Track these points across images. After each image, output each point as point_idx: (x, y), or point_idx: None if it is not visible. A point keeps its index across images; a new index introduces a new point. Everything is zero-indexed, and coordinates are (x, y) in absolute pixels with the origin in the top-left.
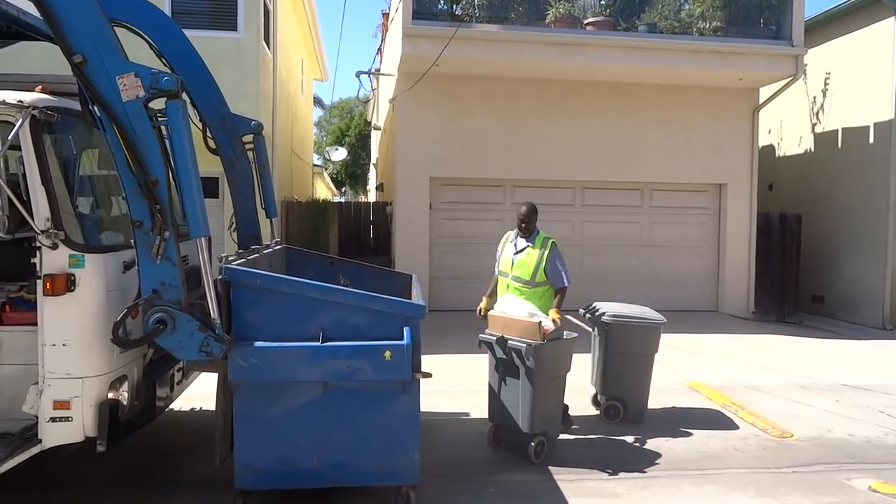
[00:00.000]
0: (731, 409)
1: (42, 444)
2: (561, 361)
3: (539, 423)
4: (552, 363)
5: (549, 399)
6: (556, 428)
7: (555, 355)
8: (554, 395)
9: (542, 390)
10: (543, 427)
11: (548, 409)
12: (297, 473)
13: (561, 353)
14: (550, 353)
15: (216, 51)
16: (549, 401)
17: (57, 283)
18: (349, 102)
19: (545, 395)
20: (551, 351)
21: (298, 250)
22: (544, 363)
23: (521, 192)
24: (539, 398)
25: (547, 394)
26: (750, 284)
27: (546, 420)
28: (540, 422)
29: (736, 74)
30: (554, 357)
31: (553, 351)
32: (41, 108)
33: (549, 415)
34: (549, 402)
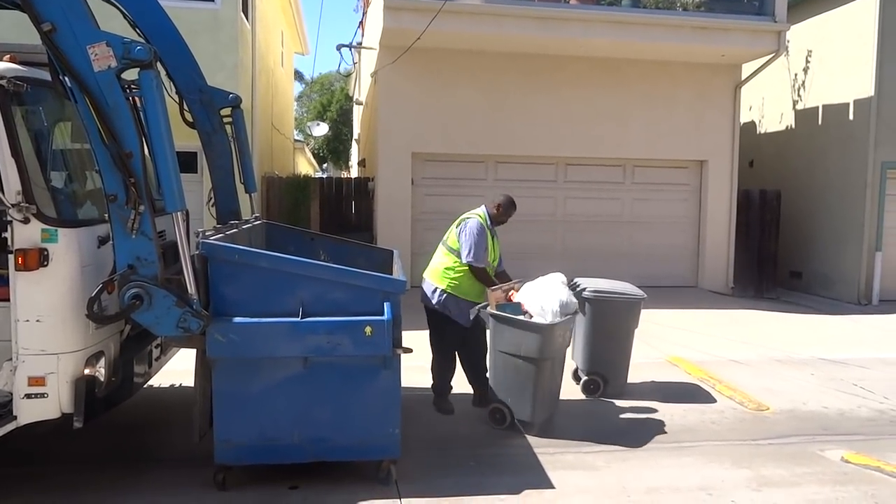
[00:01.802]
0: (709, 382)
1: (17, 420)
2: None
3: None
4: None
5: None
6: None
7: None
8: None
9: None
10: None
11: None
12: (278, 449)
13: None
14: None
15: (193, 21)
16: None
17: (29, 258)
18: (330, 77)
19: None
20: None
21: (279, 226)
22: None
23: (504, 167)
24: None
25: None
26: (729, 260)
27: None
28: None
29: (719, 50)
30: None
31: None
32: (9, 78)
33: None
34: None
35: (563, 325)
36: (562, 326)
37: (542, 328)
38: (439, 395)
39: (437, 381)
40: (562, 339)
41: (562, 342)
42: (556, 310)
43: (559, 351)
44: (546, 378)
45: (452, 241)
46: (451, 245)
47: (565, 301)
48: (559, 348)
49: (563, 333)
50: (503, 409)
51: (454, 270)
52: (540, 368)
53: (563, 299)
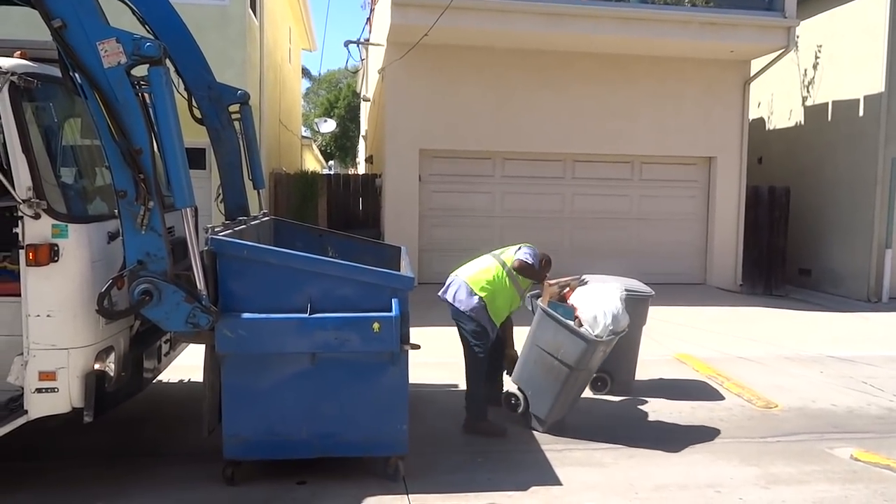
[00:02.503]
0: (717, 380)
1: (28, 414)
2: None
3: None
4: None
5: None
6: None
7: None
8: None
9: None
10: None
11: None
12: (286, 444)
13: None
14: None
15: (201, 18)
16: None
17: (40, 254)
18: (337, 74)
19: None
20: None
21: (286, 222)
22: None
23: (511, 164)
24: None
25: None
26: (738, 257)
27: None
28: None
29: (728, 46)
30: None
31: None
32: (20, 74)
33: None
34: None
35: (610, 342)
36: (607, 343)
37: (588, 340)
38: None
39: (479, 401)
40: (602, 353)
41: (601, 357)
42: (608, 325)
43: (595, 364)
44: (574, 386)
45: (508, 257)
46: (503, 258)
47: (619, 318)
48: (596, 362)
49: (606, 349)
50: (520, 398)
51: (495, 283)
52: (572, 376)
53: (617, 316)
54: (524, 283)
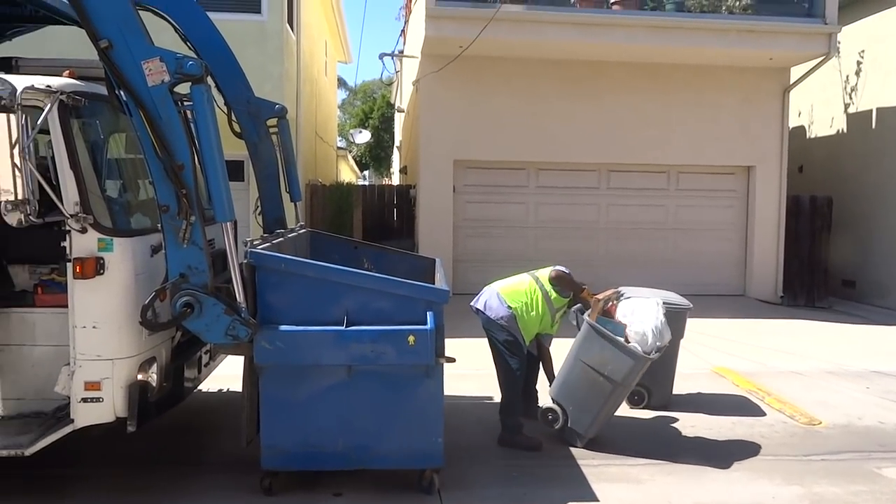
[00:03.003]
0: (757, 395)
1: (74, 423)
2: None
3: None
4: None
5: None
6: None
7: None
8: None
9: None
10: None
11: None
12: (323, 455)
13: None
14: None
15: (240, 34)
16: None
17: (86, 267)
18: (371, 85)
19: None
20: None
21: (323, 234)
22: None
23: (546, 174)
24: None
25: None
26: (778, 268)
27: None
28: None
29: (766, 54)
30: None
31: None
32: (69, 93)
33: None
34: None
35: (654, 359)
36: (652, 360)
37: (639, 358)
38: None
39: (514, 414)
40: (644, 370)
41: (644, 372)
42: (657, 343)
43: (638, 379)
44: (617, 401)
45: (543, 275)
46: (538, 275)
47: (664, 333)
48: (640, 377)
49: (649, 366)
50: (559, 413)
51: (528, 297)
52: (617, 392)
53: (663, 330)
54: (558, 301)
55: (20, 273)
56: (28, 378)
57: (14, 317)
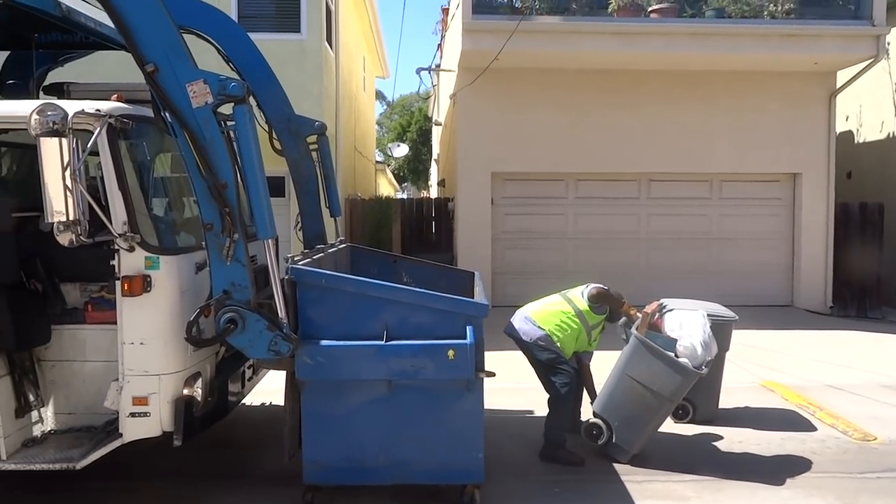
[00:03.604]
0: (808, 409)
1: (123, 437)
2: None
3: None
4: None
5: None
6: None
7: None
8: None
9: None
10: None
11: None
12: (364, 470)
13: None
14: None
15: (280, 53)
16: None
17: (134, 284)
18: (408, 99)
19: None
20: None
21: (362, 249)
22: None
23: (585, 185)
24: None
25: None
26: (827, 278)
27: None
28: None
29: (811, 58)
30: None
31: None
32: (117, 116)
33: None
34: None
35: (705, 373)
36: (704, 374)
37: (689, 373)
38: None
39: (559, 429)
40: (692, 381)
41: (692, 380)
42: (707, 357)
43: (682, 392)
44: (664, 417)
45: (575, 295)
46: (570, 296)
47: (712, 346)
48: (685, 389)
49: (695, 377)
50: (603, 428)
51: (560, 317)
52: (665, 408)
53: (710, 344)
54: (592, 318)
55: (71, 291)
56: (79, 393)
57: (66, 333)
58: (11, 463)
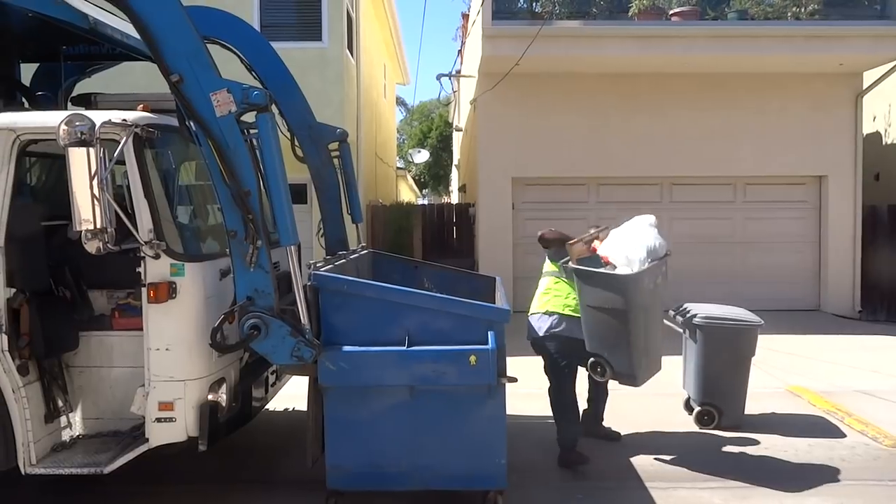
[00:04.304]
0: (836, 415)
1: (149, 442)
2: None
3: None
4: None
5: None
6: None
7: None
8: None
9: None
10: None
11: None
12: (386, 475)
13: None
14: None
15: (302, 61)
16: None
17: (159, 291)
18: (429, 105)
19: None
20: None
21: (384, 254)
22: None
23: (606, 189)
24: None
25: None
26: (855, 282)
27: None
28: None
29: (836, 59)
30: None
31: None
32: (143, 126)
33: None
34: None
35: (651, 271)
36: (650, 273)
37: (626, 280)
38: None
39: (569, 432)
40: (653, 285)
41: (653, 289)
42: (642, 258)
43: (651, 299)
44: (640, 328)
45: (544, 266)
46: (543, 271)
47: (653, 246)
48: (650, 296)
49: (654, 280)
50: (601, 362)
51: (555, 291)
52: (631, 320)
53: (650, 245)
54: (559, 268)
55: (98, 298)
56: (106, 399)
57: (93, 340)
58: (41, 467)
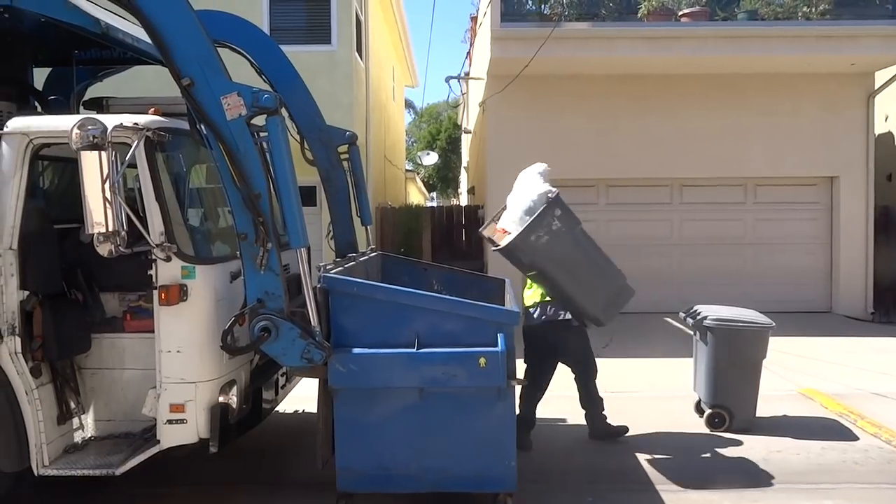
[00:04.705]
0: (849, 418)
1: (160, 444)
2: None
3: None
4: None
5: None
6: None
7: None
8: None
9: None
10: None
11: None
12: (396, 478)
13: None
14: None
15: (311, 64)
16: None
17: (171, 294)
18: (437, 107)
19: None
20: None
21: (393, 256)
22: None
23: (616, 191)
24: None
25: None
26: (868, 283)
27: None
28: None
29: (847, 59)
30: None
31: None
32: (154, 130)
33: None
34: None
35: (533, 226)
36: (531, 229)
37: (509, 249)
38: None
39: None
40: (545, 235)
41: (549, 238)
42: (521, 218)
43: (552, 247)
44: (563, 278)
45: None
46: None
47: (529, 202)
48: (548, 247)
49: (545, 230)
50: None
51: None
52: (550, 276)
53: (526, 203)
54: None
55: (110, 300)
56: (118, 401)
57: (105, 342)
58: (54, 468)
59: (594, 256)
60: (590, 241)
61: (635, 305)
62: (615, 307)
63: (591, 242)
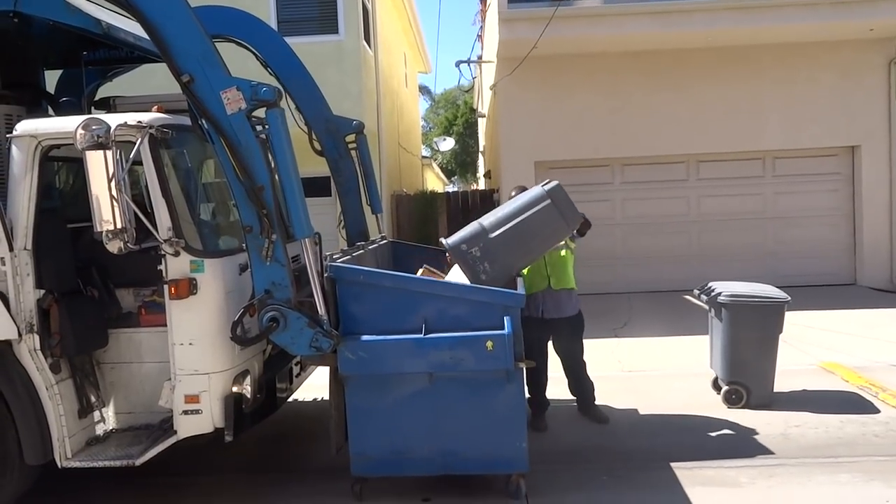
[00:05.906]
0: (870, 391)
1: (177, 434)
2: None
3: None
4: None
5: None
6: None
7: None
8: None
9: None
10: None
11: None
12: (409, 461)
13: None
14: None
15: (319, 54)
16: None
17: (180, 288)
18: (454, 92)
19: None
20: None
21: (404, 244)
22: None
23: (631, 170)
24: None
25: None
26: (892, 253)
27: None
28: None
29: (866, 25)
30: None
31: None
32: (157, 127)
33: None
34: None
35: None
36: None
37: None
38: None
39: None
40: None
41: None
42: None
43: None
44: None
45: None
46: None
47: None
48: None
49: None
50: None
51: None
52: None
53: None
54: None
55: (126, 296)
56: (136, 393)
57: (122, 337)
58: (76, 460)
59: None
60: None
61: (655, 284)
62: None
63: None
